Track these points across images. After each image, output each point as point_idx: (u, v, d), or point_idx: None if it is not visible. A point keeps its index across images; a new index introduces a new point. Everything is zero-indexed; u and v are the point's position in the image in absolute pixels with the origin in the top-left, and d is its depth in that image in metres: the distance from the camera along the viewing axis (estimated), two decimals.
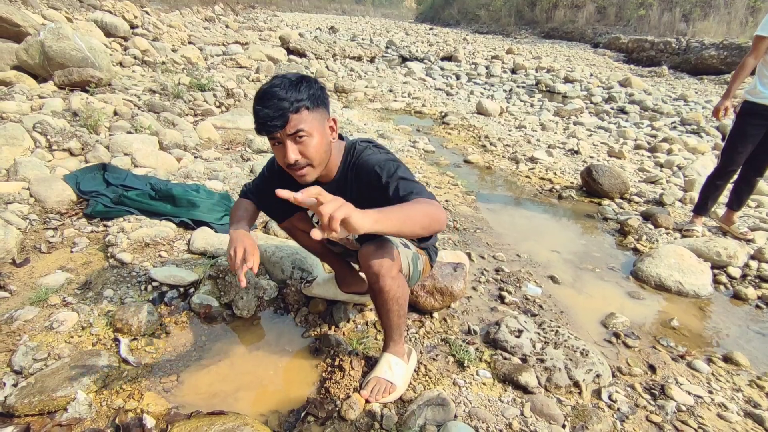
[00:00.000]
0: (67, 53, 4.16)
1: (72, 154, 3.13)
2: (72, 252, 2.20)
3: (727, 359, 1.97)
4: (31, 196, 2.54)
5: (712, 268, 2.67)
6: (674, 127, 6.56)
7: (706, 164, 4.20)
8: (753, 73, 2.88)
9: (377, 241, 1.42)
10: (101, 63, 4.47)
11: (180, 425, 1.33)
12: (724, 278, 2.65)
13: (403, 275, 1.50)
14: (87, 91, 4.10)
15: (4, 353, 1.56)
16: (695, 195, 3.75)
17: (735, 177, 3.10)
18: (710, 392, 1.75)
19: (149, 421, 1.35)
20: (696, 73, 12.45)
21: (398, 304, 1.48)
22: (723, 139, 5.82)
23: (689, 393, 1.71)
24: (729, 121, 6.34)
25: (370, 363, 1.65)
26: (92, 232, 2.39)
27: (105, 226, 2.43)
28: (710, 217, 3.40)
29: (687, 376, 1.84)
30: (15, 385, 1.43)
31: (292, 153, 1.25)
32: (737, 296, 2.52)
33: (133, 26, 7.79)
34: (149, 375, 1.56)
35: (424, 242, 1.67)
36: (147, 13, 9.43)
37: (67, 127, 3.31)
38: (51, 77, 4.15)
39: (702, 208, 3.19)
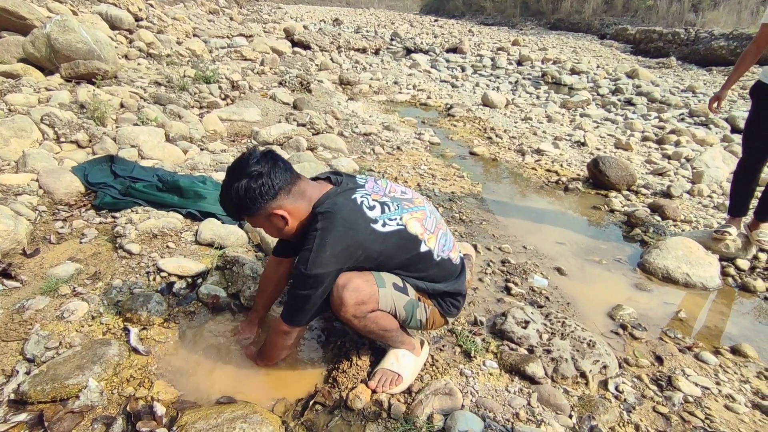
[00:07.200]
0: (73, 46, 4.17)
1: (79, 146, 3.15)
2: (81, 243, 2.22)
3: (734, 351, 1.97)
4: (40, 187, 2.56)
5: (720, 260, 2.66)
6: (682, 119, 6.49)
7: (714, 156, 4.16)
8: (759, 63, 2.74)
9: (357, 273, 1.38)
10: (107, 55, 4.47)
11: (190, 413, 1.35)
12: (732, 270, 2.64)
13: (386, 313, 1.44)
14: (93, 84, 4.12)
15: (16, 342, 1.59)
16: (703, 187, 3.73)
17: (763, 170, 2.69)
18: (718, 384, 1.75)
19: (159, 409, 1.37)
20: (705, 64, 12.26)
21: (374, 333, 1.46)
22: (732, 132, 5.76)
23: (696, 384, 1.71)
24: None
25: (377, 354, 1.66)
26: (101, 223, 2.41)
27: (113, 217, 2.44)
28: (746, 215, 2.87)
29: (694, 367, 1.83)
30: (28, 373, 1.45)
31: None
32: (745, 288, 2.50)
33: (137, 19, 7.77)
34: (159, 363, 1.58)
35: (428, 292, 1.53)
36: (151, 5, 9.39)
37: (74, 119, 3.32)
38: (57, 70, 4.17)
39: (733, 208, 2.79)
